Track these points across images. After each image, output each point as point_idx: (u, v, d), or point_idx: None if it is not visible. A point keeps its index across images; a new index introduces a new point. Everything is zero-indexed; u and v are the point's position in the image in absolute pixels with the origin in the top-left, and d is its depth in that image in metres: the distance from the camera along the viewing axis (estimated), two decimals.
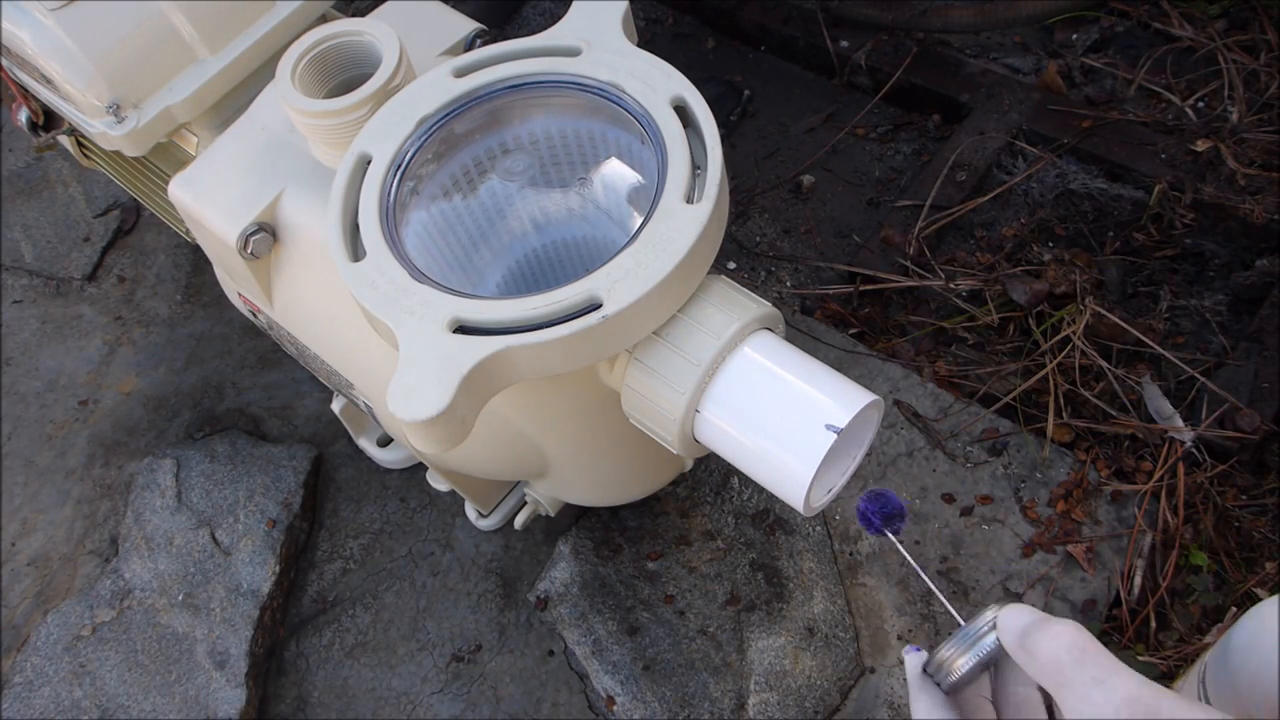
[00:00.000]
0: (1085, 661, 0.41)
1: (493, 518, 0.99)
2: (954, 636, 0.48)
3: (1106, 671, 0.41)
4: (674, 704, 0.91)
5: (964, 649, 0.48)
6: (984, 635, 0.47)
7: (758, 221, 1.25)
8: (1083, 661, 0.41)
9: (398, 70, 0.67)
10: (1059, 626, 0.43)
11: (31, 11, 0.75)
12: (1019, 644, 0.44)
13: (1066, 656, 0.41)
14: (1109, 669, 0.41)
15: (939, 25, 1.28)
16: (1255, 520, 0.95)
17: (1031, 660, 0.43)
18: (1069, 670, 0.41)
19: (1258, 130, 1.16)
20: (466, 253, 0.70)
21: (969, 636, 0.48)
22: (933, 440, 1.01)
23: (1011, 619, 0.45)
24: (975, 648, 0.47)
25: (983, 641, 0.47)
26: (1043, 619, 0.44)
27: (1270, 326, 1.02)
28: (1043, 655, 0.42)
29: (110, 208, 1.34)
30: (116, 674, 0.98)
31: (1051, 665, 0.42)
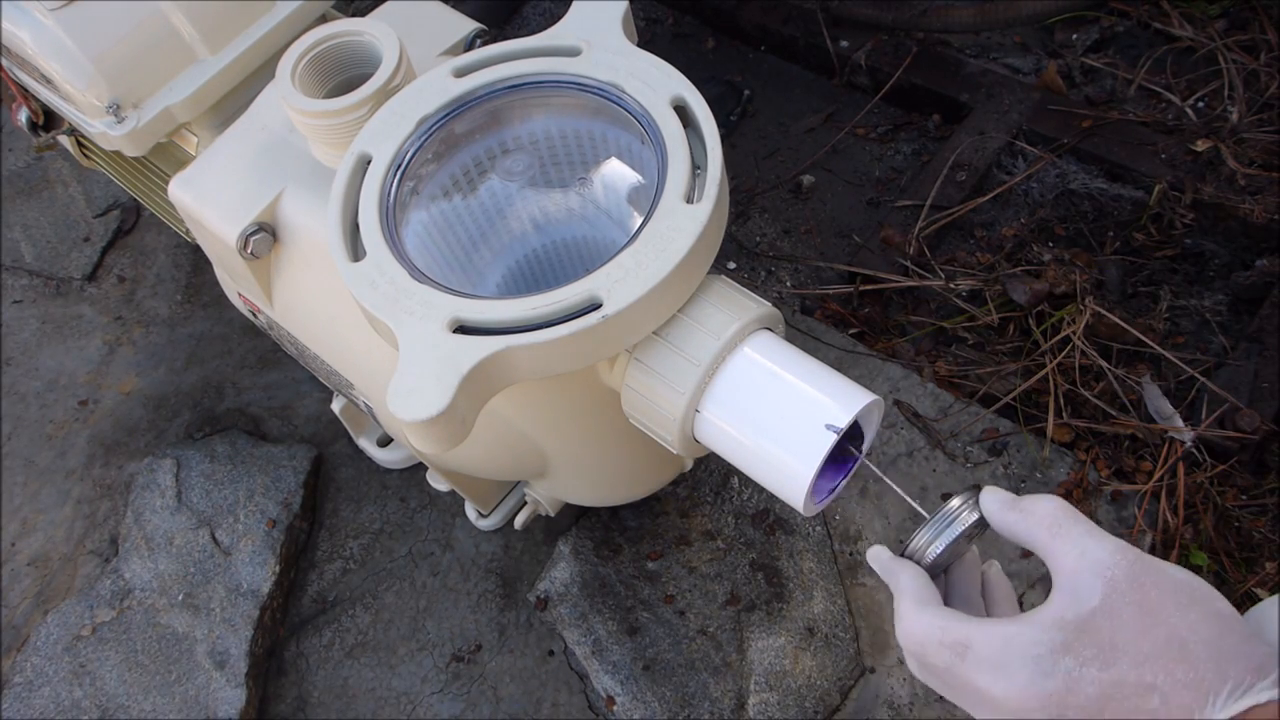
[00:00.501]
0: (1078, 518, 0.46)
1: (493, 518, 0.99)
2: (923, 525, 0.51)
3: (1096, 529, 0.46)
4: (674, 704, 0.91)
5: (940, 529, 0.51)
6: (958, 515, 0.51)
7: (758, 221, 1.25)
8: (1076, 518, 0.46)
9: (398, 70, 0.67)
10: (1049, 495, 0.48)
11: (31, 11, 0.75)
12: (1010, 507, 0.48)
13: (1062, 512, 0.46)
14: (1097, 527, 0.46)
15: (939, 25, 1.28)
16: (1255, 520, 0.95)
17: (1025, 518, 0.47)
18: (1066, 523, 0.46)
19: (1258, 130, 1.16)
20: (466, 253, 0.70)
21: (945, 518, 0.51)
22: (933, 440, 1.01)
23: (994, 492, 0.50)
24: (950, 527, 0.50)
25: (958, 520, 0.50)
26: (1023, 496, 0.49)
27: (1270, 326, 1.02)
28: (1039, 512, 0.47)
29: (110, 208, 1.34)
30: (116, 674, 0.98)
31: (1048, 518, 0.46)
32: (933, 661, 0.47)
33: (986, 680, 0.44)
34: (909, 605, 0.48)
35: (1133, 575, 0.43)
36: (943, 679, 0.47)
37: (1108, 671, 0.42)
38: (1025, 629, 0.44)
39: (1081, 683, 0.42)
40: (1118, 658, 0.42)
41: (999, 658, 0.44)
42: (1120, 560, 0.44)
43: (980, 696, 0.45)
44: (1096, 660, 0.42)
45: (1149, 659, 0.41)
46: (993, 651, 0.44)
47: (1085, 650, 0.42)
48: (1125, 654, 0.42)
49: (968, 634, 0.45)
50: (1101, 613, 0.43)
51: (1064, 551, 0.45)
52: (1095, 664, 0.42)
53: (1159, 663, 0.41)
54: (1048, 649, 0.43)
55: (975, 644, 0.45)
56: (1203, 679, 0.40)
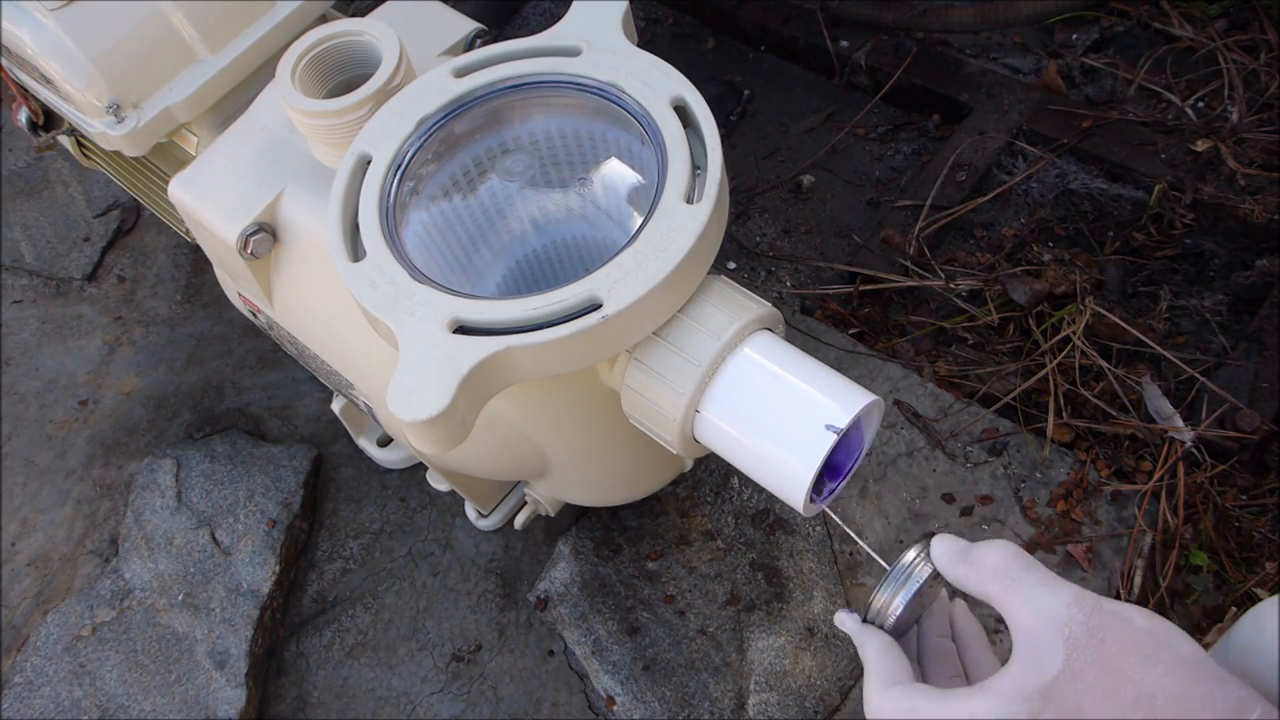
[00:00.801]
0: (1031, 567, 0.44)
1: (493, 518, 0.99)
2: (883, 581, 0.50)
3: (1050, 576, 0.44)
4: (674, 704, 0.91)
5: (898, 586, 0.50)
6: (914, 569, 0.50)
7: (758, 221, 1.25)
8: (1028, 567, 0.44)
9: (398, 70, 0.67)
10: (998, 541, 0.46)
11: (31, 11, 0.75)
12: (960, 560, 0.47)
13: (1014, 562, 0.45)
14: (1051, 575, 0.44)
15: (939, 25, 1.28)
16: (1255, 520, 0.95)
17: (976, 571, 0.46)
18: (1018, 574, 0.44)
19: (1258, 130, 1.16)
20: (466, 253, 0.70)
21: (900, 574, 0.50)
22: (933, 440, 1.01)
23: (944, 543, 0.48)
24: (908, 584, 0.49)
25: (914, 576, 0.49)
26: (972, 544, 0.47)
27: (1270, 326, 1.02)
28: (989, 563, 0.45)
29: (110, 208, 1.34)
30: (116, 674, 0.98)
31: (1000, 571, 0.45)
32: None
33: None
34: (875, 686, 0.47)
35: (1091, 630, 0.42)
36: None
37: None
38: (991, 703, 0.43)
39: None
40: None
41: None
42: (1077, 614, 0.42)
43: None
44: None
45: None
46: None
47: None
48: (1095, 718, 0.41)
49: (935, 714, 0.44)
50: (1065, 677, 0.41)
51: (1018, 607, 0.44)
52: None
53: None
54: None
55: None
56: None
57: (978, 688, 0.44)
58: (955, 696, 0.44)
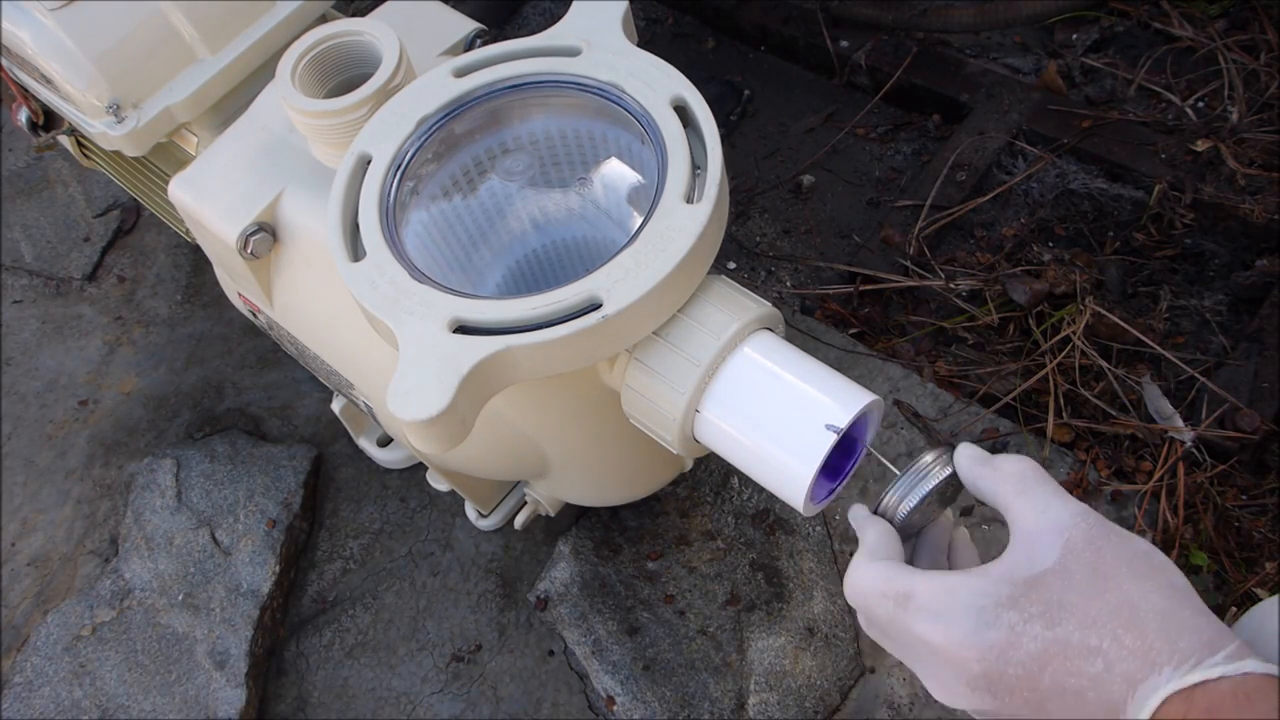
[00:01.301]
0: (1046, 480, 0.46)
1: (493, 518, 0.99)
2: (896, 480, 0.51)
3: (1062, 491, 0.45)
4: (674, 704, 0.91)
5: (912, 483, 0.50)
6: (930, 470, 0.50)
7: (758, 221, 1.25)
8: (1043, 479, 0.46)
9: (398, 70, 0.67)
10: (1019, 455, 0.47)
11: (31, 11, 0.75)
12: (981, 461, 0.48)
13: (1031, 472, 0.46)
14: (1063, 491, 0.45)
15: (939, 25, 1.28)
16: (1255, 520, 0.95)
17: (994, 474, 0.47)
18: (1032, 482, 0.46)
19: (1258, 130, 1.16)
20: (466, 253, 0.70)
21: (916, 473, 0.50)
22: (933, 440, 1.01)
23: (969, 448, 0.49)
24: (922, 482, 0.50)
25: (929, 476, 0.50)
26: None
27: (1270, 326, 1.02)
28: (1007, 469, 0.47)
29: (110, 208, 1.34)
30: (116, 674, 0.98)
31: (1015, 477, 0.46)
32: (876, 613, 0.46)
33: (926, 628, 0.43)
34: (860, 558, 0.48)
35: (1090, 538, 0.42)
36: (885, 630, 0.47)
37: (1052, 630, 0.41)
38: (970, 580, 0.43)
39: (1023, 638, 0.41)
40: (1064, 617, 0.41)
41: (940, 606, 0.43)
42: (1080, 523, 0.43)
43: (920, 646, 0.44)
44: (1042, 617, 0.41)
45: (1097, 622, 0.40)
46: (934, 600, 0.43)
47: (1031, 606, 0.42)
48: (1073, 614, 0.41)
49: (911, 584, 0.45)
50: (1054, 572, 0.42)
51: (1025, 510, 0.45)
52: (1040, 621, 0.41)
53: (1107, 627, 0.40)
54: (992, 601, 0.42)
55: (918, 593, 0.44)
56: (1151, 648, 0.39)
57: (962, 571, 0.44)
58: (936, 573, 0.45)
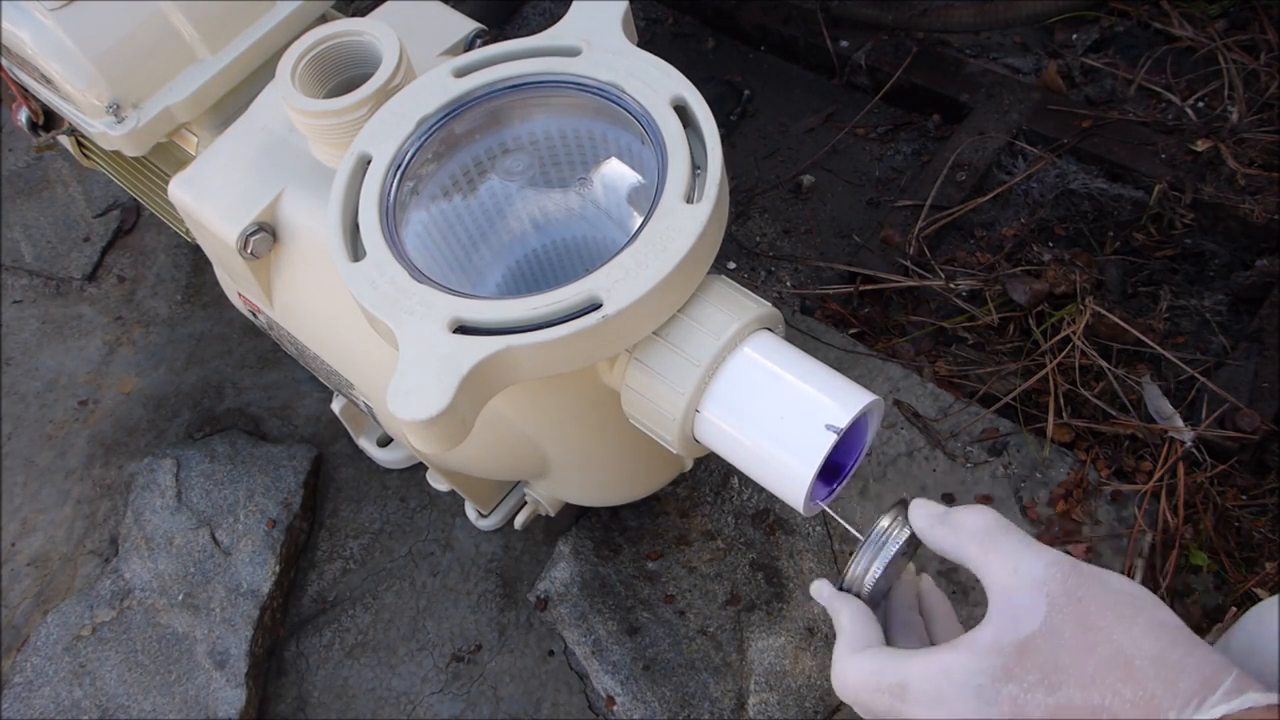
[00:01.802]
0: (1009, 530, 0.44)
1: (493, 518, 0.99)
2: (859, 549, 0.50)
3: (1028, 540, 0.44)
4: (674, 704, 0.91)
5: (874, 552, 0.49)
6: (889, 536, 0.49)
7: (758, 221, 1.25)
8: (1008, 530, 0.44)
9: (398, 70, 0.67)
10: (977, 505, 0.46)
11: (31, 11, 0.75)
12: (939, 521, 0.47)
13: (993, 525, 0.45)
14: (1030, 539, 0.44)
15: (939, 25, 1.28)
16: (1255, 520, 0.95)
17: (956, 532, 0.46)
18: (997, 536, 0.44)
19: (1258, 130, 1.16)
20: (466, 253, 0.70)
21: (876, 540, 0.50)
22: (933, 440, 1.01)
23: (922, 507, 0.48)
24: (884, 549, 0.49)
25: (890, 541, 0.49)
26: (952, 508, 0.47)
27: (1270, 326, 1.02)
28: (968, 525, 0.45)
29: (110, 208, 1.34)
30: (116, 674, 0.98)
31: (979, 533, 0.45)
32: (875, 709, 0.45)
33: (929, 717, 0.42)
34: (843, 651, 0.47)
35: (1069, 590, 0.41)
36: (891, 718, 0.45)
37: (1054, 695, 0.40)
38: (962, 658, 0.42)
39: (1029, 709, 0.40)
40: (1063, 680, 0.40)
41: (937, 693, 0.42)
42: (1056, 574, 0.42)
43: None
44: (1041, 685, 0.40)
45: (1095, 679, 0.40)
46: (931, 687, 0.42)
47: (1029, 675, 0.41)
48: (1070, 676, 0.40)
49: (902, 673, 0.43)
50: (1042, 634, 0.41)
51: (997, 568, 0.43)
52: (1040, 689, 0.40)
53: (1105, 683, 0.39)
54: (989, 677, 0.41)
55: (911, 683, 0.43)
56: (1152, 696, 0.39)
57: (949, 645, 0.43)
58: (925, 654, 0.44)
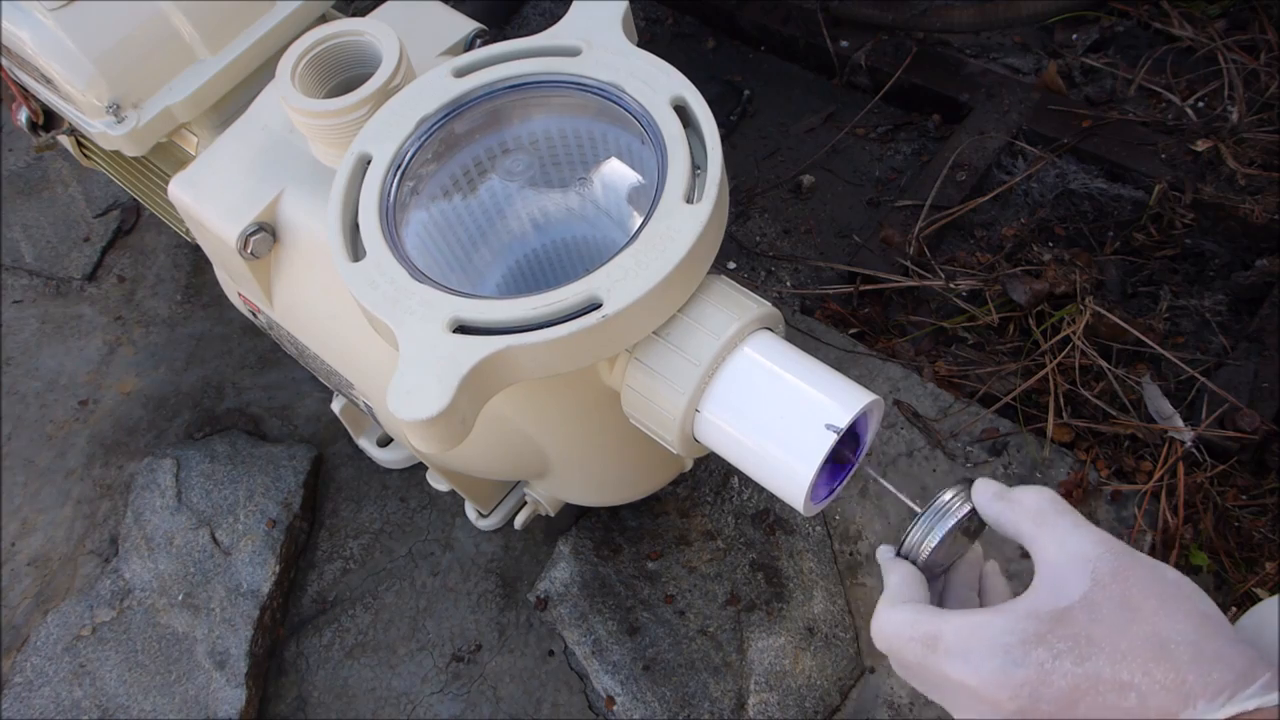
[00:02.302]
0: (1066, 511, 0.46)
1: (493, 518, 0.99)
2: (918, 518, 0.50)
3: (1084, 521, 0.45)
4: (674, 704, 0.91)
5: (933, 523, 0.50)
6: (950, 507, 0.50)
7: (758, 221, 1.25)
8: (1063, 511, 0.46)
9: (398, 70, 0.67)
10: (1039, 486, 0.47)
11: (31, 11, 0.75)
12: (999, 496, 0.48)
13: (1050, 505, 0.46)
14: (1084, 520, 0.45)
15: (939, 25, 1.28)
16: (1255, 520, 0.95)
17: (1013, 508, 0.47)
18: (1051, 515, 0.45)
19: (1258, 130, 1.16)
20: (466, 253, 0.70)
21: (936, 512, 0.50)
22: (933, 440, 1.01)
23: (986, 484, 0.49)
24: (943, 520, 0.50)
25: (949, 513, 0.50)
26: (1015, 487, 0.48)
27: (1270, 326, 1.02)
28: (1026, 503, 0.46)
29: (110, 208, 1.34)
30: (116, 674, 0.98)
31: (1034, 510, 0.46)
32: (906, 658, 0.46)
33: (957, 669, 0.43)
34: (884, 603, 0.48)
35: (1116, 569, 0.42)
36: (918, 674, 0.46)
37: (1083, 666, 0.40)
38: (996, 618, 0.43)
39: (1054, 675, 0.41)
40: (1094, 652, 0.40)
41: (967, 646, 0.43)
42: (1104, 553, 0.42)
43: (953, 688, 0.44)
44: (1071, 653, 0.41)
45: (1127, 656, 0.40)
46: (961, 640, 0.43)
47: (1060, 643, 0.41)
48: (1102, 649, 0.40)
49: (938, 626, 0.44)
50: (1080, 606, 0.41)
51: (1047, 543, 0.44)
52: (1069, 657, 0.41)
53: (1138, 661, 0.40)
54: (1018, 639, 0.42)
55: (944, 635, 0.44)
56: (1184, 681, 0.39)
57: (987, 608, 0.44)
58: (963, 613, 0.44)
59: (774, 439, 0.56)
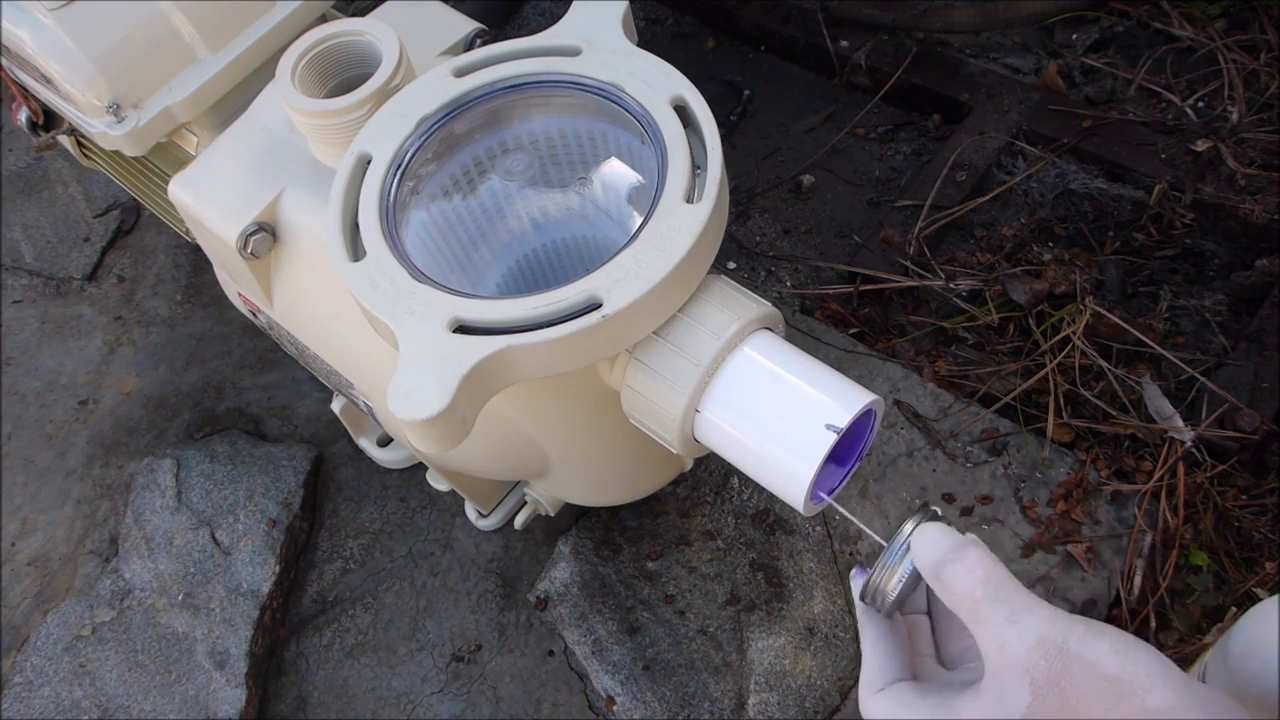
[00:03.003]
0: (999, 598, 0.42)
1: (493, 518, 0.99)
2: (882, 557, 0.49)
3: (1019, 609, 0.42)
4: (674, 704, 0.91)
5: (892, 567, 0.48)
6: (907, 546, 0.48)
7: (758, 221, 1.25)
8: (996, 598, 0.42)
9: (398, 70, 0.67)
10: (970, 558, 0.43)
11: (31, 11, 0.75)
12: (935, 574, 0.45)
13: (980, 592, 0.42)
14: (1021, 606, 0.42)
15: (939, 25, 1.28)
16: (1255, 520, 0.95)
17: (947, 593, 0.44)
18: (984, 607, 0.42)
19: (1258, 130, 1.16)
20: (466, 252, 0.70)
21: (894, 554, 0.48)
22: (933, 440, 1.01)
23: (925, 548, 0.45)
24: (902, 565, 0.48)
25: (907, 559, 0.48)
26: (955, 546, 0.44)
27: (1270, 326, 1.02)
28: (958, 589, 0.43)
29: (110, 208, 1.34)
30: (116, 674, 0.98)
31: (967, 600, 0.43)
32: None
33: None
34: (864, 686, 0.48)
35: (1052, 679, 0.41)
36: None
37: None
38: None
39: None
40: None
41: None
42: (1040, 661, 0.41)
43: None
44: None
45: None
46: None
47: None
48: None
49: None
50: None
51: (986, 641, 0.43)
52: None
53: None
54: None
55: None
56: None
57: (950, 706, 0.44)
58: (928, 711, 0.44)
59: (774, 439, 0.56)
